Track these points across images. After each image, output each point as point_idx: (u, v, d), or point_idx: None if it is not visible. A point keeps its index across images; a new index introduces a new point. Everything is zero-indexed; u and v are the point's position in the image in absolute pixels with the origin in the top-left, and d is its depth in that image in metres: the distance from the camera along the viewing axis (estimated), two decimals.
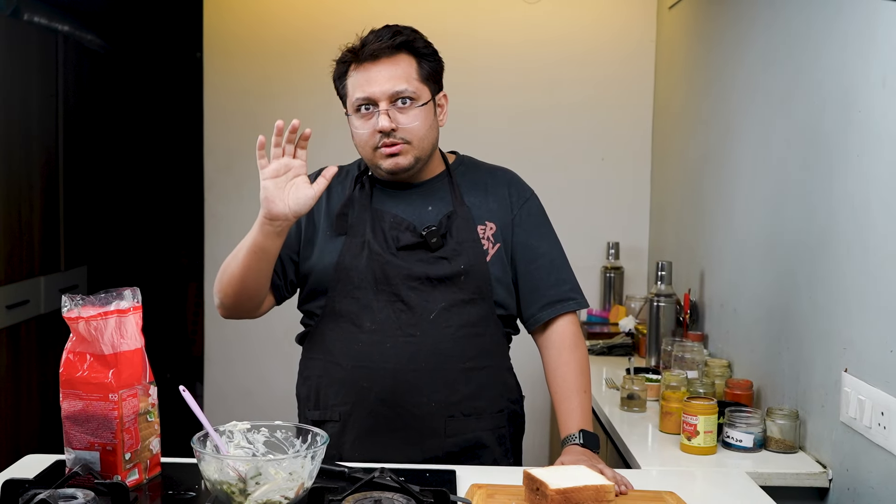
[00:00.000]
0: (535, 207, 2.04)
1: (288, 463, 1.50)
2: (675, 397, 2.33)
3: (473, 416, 1.94)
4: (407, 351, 1.90)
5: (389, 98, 1.87)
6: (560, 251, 2.04)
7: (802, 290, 2.24)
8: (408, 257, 1.92)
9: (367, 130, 1.89)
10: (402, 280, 1.90)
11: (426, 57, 1.92)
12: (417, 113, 1.89)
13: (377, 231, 1.93)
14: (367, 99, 1.88)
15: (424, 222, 1.94)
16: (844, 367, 1.98)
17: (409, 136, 1.88)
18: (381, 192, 1.99)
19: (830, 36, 2.15)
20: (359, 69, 1.90)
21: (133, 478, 1.62)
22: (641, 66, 3.93)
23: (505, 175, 2.06)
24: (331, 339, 1.95)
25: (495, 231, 1.97)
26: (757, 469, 2.07)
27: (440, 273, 1.91)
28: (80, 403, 1.58)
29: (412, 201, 1.97)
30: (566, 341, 1.98)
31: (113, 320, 1.59)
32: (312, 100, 3.98)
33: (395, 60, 1.89)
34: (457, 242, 1.93)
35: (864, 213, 1.94)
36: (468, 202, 1.98)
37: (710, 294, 3.03)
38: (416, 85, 1.89)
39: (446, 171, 2.02)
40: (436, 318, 1.91)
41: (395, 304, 1.91)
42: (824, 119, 2.15)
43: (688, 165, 3.37)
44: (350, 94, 1.91)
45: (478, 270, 1.93)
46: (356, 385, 1.92)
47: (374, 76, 1.88)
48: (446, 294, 1.91)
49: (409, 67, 1.89)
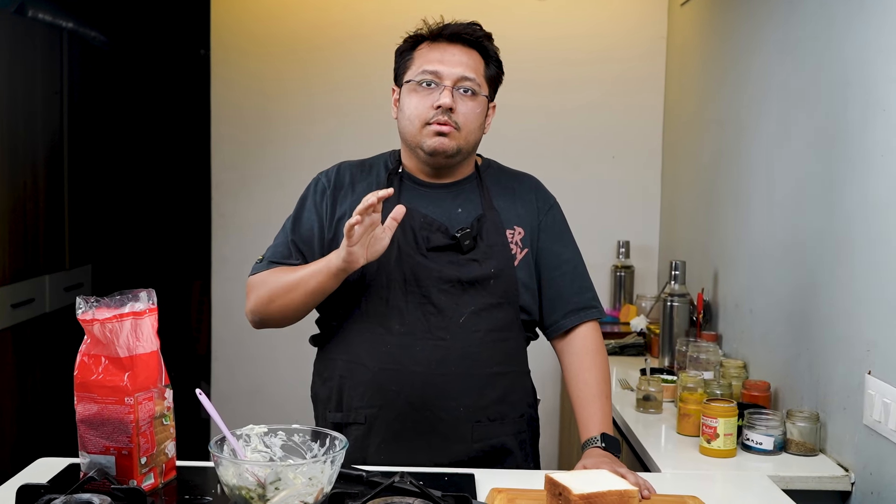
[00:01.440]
0: (559, 214, 2.05)
1: (307, 468, 1.48)
2: (692, 399, 2.30)
3: (498, 421, 1.92)
4: (436, 355, 1.87)
5: (456, 80, 1.89)
6: (581, 259, 2.04)
7: (822, 291, 2.21)
8: (438, 259, 1.90)
9: (425, 104, 1.88)
10: (433, 282, 1.88)
11: (494, 61, 1.98)
12: (476, 104, 1.91)
13: (407, 231, 1.91)
14: (435, 73, 1.89)
15: (454, 223, 1.92)
16: (868, 369, 1.95)
17: (462, 121, 1.89)
18: (410, 191, 1.96)
19: (852, 31, 2.12)
20: (433, 46, 1.92)
21: (149, 482, 1.59)
22: (652, 63, 3.90)
23: (531, 181, 2.07)
24: (355, 341, 1.92)
25: (523, 236, 1.96)
26: (778, 472, 2.04)
27: (471, 276, 1.89)
28: (96, 407, 1.55)
29: (442, 202, 1.95)
30: (589, 347, 1.97)
31: (128, 322, 1.56)
32: (324, 97, 3.96)
33: (469, 51, 1.92)
34: (487, 245, 1.91)
35: (887, 213, 1.91)
36: (497, 206, 1.97)
37: (724, 294, 3.00)
38: (481, 79, 1.93)
39: (475, 173, 2.01)
40: (465, 322, 1.89)
41: (426, 306, 1.88)
42: (846, 117, 2.12)
43: (701, 164, 3.34)
44: (416, 66, 1.92)
45: (506, 274, 1.92)
46: (383, 388, 1.89)
47: (448, 56, 1.90)
48: (476, 297, 1.90)
49: (479, 63, 1.94)
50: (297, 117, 3.98)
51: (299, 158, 3.94)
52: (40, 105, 4.00)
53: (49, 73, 4.10)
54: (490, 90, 1.96)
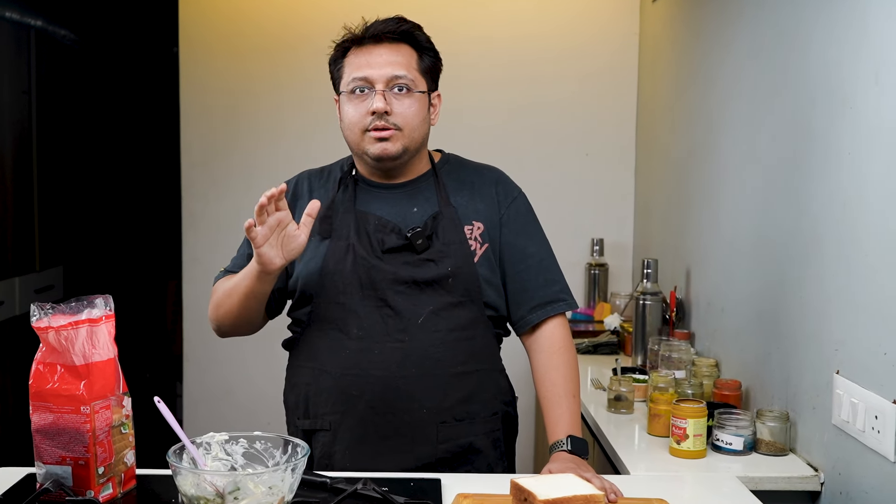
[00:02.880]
0: (523, 206, 2.00)
1: (268, 476, 1.45)
2: (663, 399, 2.29)
3: (466, 421, 1.90)
4: (396, 357, 1.85)
5: (387, 81, 1.85)
6: (549, 251, 2.01)
7: (792, 290, 2.20)
8: (393, 260, 1.88)
9: (360, 112, 1.85)
10: (389, 284, 1.86)
11: (427, 51, 1.92)
12: (412, 101, 1.87)
13: (362, 234, 1.89)
14: (365, 79, 1.85)
15: (409, 224, 1.90)
16: (836, 368, 1.95)
17: (401, 122, 1.85)
18: (365, 194, 1.95)
19: (819, 29, 2.11)
20: (359, 50, 1.89)
21: (107, 492, 1.56)
22: (625, 60, 3.89)
23: (492, 174, 2.02)
24: (318, 347, 1.91)
25: (483, 231, 1.93)
26: (747, 473, 2.03)
27: (427, 276, 1.87)
28: (51, 416, 1.52)
29: (397, 202, 1.93)
30: (555, 344, 1.95)
31: (84, 330, 1.53)
32: (293, 96, 3.91)
33: (397, 48, 1.88)
34: (443, 244, 1.89)
35: (856, 212, 1.90)
36: (454, 202, 1.94)
37: (696, 292, 2.99)
38: (414, 74, 1.88)
39: (432, 170, 1.98)
40: (424, 323, 1.86)
41: (382, 309, 1.87)
42: (814, 115, 2.11)
43: (673, 161, 3.34)
44: (346, 75, 1.89)
45: (466, 272, 1.89)
46: (345, 393, 1.87)
47: (375, 58, 1.86)
48: (434, 297, 1.87)
49: (410, 57, 1.89)
50: (267, 116, 3.94)
51: (270, 158, 3.90)
52: (8, 104, 3.95)
53: (17, 73, 4.04)
54: (429, 81, 1.92)
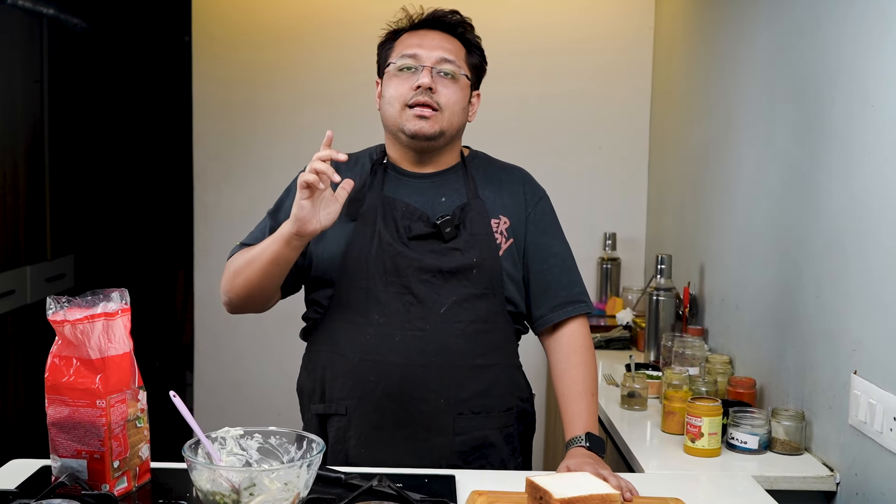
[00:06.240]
0: (548, 207, 2.02)
1: (283, 472, 1.44)
2: (677, 397, 2.28)
3: (482, 414, 1.89)
4: (416, 345, 1.84)
5: (435, 61, 1.88)
6: (570, 253, 2.01)
7: (809, 288, 2.19)
8: (419, 248, 1.87)
9: (404, 87, 1.87)
10: (413, 272, 1.86)
11: (476, 49, 1.97)
12: (457, 88, 1.89)
13: (388, 219, 1.88)
14: (414, 56, 1.89)
15: (437, 212, 1.90)
16: (854, 368, 1.93)
17: (443, 102, 1.88)
18: (394, 181, 1.94)
19: (840, 25, 2.09)
20: (413, 33, 1.93)
21: (122, 486, 1.56)
22: (639, 52, 3.86)
23: (519, 173, 2.04)
24: (338, 331, 1.90)
25: (509, 226, 1.93)
26: (762, 472, 2.02)
27: (452, 265, 1.86)
28: (67, 410, 1.52)
29: (425, 191, 1.93)
30: (576, 343, 1.94)
31: (100, 324, 1.53)
32: (307, 86, 3.90)
33: (449, 38, 1.93)
34: (470, 234, 1.89)
35: (875, 211, 1.88)
36: (482, 195, 1.94)
37: (710, 288, 2.98)
38: (461, 64, 1.91)
39: (461, 162, 1.99)
40: (446, 313, 1.86)
41: (405, 296, 1.86)
42: (834, 112, 2.09)
43: (688, 155, 3.32)
44: (396, 53, 1.92)
45: (490, 264, 1.89)
46: (362, 378, 1.86)
47: (427, 41, 1.90)
48: (458, 288, 1.87)
49: (460, 49, 1.94)
50: (280, 106, 3.93)
51: (282, 148, 3.89)
52: (20, 94, 3.94)
53: (29, 61, 4.03)
54: (473, 76, 1.95)
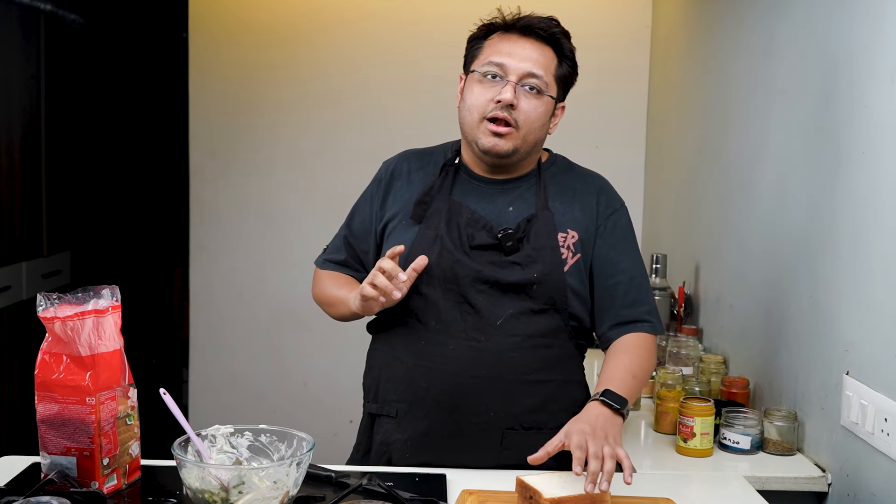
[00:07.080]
0: (623, 220, 1.93)
1: (272, 471, 1.45)
2: (670, 397, 2.28)
3: (534, 430, 1.82)
4: (469, 356, 1.81)
5: (521, 76, 1.81)
6: (642, 269, 1.93)
7: (803, 289, 2.18)
8: (479, 258, 1.83)
9: (485, 97, 1.81)
10: (471, 282, 1.81)
11: (567, 60, 1.89)
12: (540, 104, 1.83)
13: (452, 225, 1.85)
14: (501, 66, 1.82)
15: (503, 222, 1.85)
16: (846, 369, 1.93)
17: (522, 120, 1.81)
18: (464, 184, 1.90)
19: (834, 25, 2.09)
20: (504, 36, 1.86)
21: (111, 483, 1.56)
22: (636, 52, 3.86)
23: (596, 182, 1.95)
24: (396, 333, 1.89)
25: (577, 240, 1.86)
26: (754, 472, 2.02)
27: (510, 279, 1.81)
28: (56, 407, 1.52)
29: (495, 198, 1.88)
30: (634, 343, 1.86)
31: (90, 321, 1.52)
32: (304, 84, 3.90)
33: (541, 47, 1.85)
34: (533, 248, 1.83)
35: (869, 212, 1.88)
36: (552, 207, 1.87)
37: (705, 288, 2.98)
38: (549, 78, 1.84)
39: (536, 170, 1.92)
40: (503, 325, 1.81)
41: (462, 305, 1.82)
42: (828, 112, 2.09)
43: (684, 155, 3.32)
44: (483, 56, 1.85)
45: (553, 280, 1.82)
46: (415, 383, 1.84)
47: (517, 49, 1.83)
48: (516, 301, 1.82)
49: (551, 60, 1.85)
50: (277, 103, 3.92)
51: (279, 145, 3.89)
52: (17, 89, 3.93)
53: (26, 57, 4.03)
54: (559, 90, 1.88)
